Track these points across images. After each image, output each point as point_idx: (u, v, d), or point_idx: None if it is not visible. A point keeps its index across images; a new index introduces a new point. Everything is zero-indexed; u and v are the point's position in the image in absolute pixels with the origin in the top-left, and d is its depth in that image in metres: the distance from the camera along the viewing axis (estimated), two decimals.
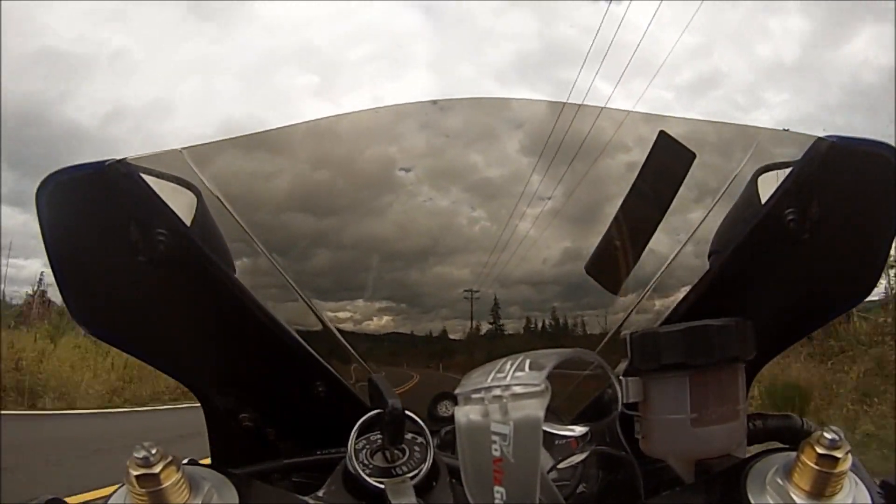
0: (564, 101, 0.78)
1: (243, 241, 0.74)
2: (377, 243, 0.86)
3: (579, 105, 0.77)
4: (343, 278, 0.87)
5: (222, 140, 0.74)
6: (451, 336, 0.88)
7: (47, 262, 0.61)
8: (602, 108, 0.78)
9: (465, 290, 0.85)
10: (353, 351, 0.80)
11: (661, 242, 0.77)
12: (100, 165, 0.58)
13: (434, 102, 0.80)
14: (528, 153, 0.82)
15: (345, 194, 0.84)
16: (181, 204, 0.64)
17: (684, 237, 0.76)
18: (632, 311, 0.78)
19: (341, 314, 0.84)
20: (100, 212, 0.60)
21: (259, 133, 0.75)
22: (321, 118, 0.76)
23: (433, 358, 0.90)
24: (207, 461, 0.62)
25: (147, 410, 9.57)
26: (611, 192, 0.79)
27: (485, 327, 0.87)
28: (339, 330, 0.80)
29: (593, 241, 0.80)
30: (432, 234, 0.87)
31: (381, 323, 0.87)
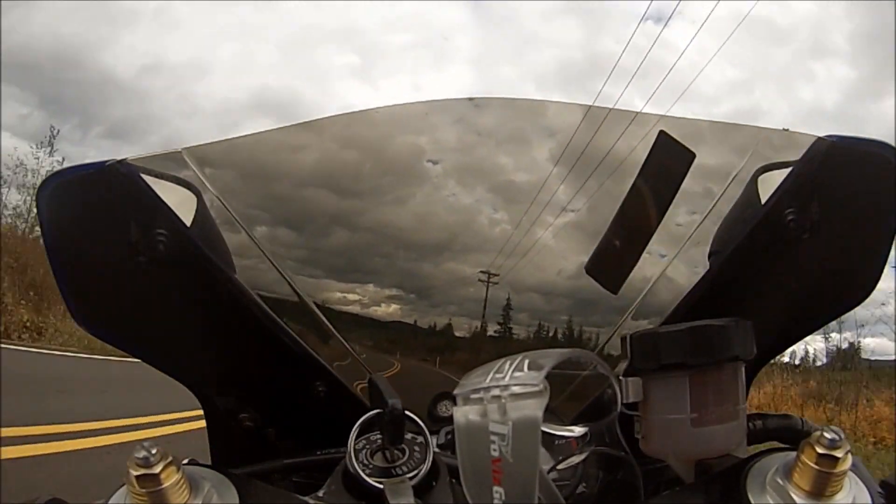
0: (593, 106, 0.77)
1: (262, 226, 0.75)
2: (395, 231, 0.86)
3: (610, 109, 0.75)
4: (356, 260, 0.87)
5: (222, 140, 0.74)
6: (457, 333, 0.88)
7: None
8: (636, 112, 0.76)
9: (482, 272, 0.85)
10: (352, 351, 0.80)
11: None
12: (100, 165, 0.58)
13: (471, 100, 0.80)
14: (558, 162, 0.81)
15: (370, 177, 0.84)
16: (181, 204, 0.64)
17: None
18: (631, 311, 0.78)
19: (350, 296, 0.85)
20: (100, 212, 0.61)
21: (264, 132, 0.76)
22: (340, 114, 0.76)
23: (433, 352, 0.90)
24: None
25: None
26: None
27: (491, 328, 0.87)
28: (340, 311, 0.81)
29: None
30: (451, 229, 0.86)
31: (388, 310, 0.87)
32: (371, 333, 0.86)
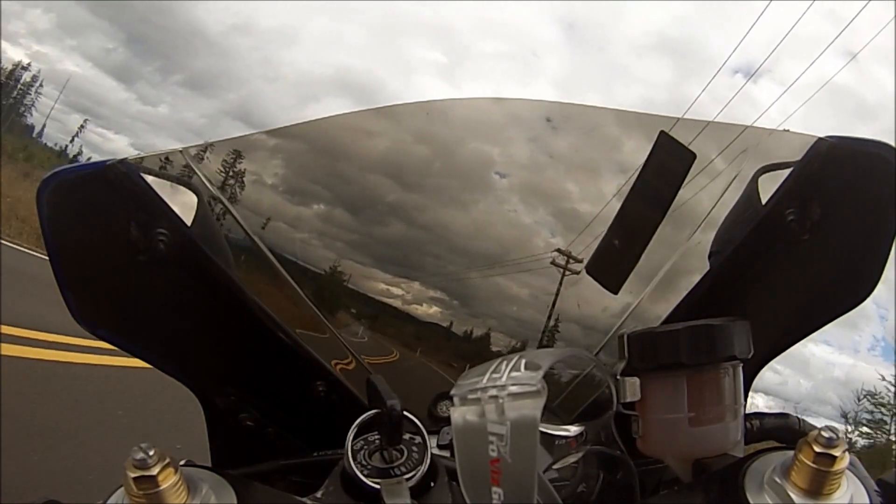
0: (682, 118, 0.75)
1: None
2: (451, 234, 0.86)
3: (707, 122, 0.74)
4: (407, 255, 0.88)
5: (222, 140, 0.74)
6: (493, 348, 0.88)
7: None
8: (746, 127, 0.73)
9: (558, 252, 0.83)
10: (352, 351, 0.80)
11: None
12: (100, 165, 0.59)
13: (548, 120, 0.80)
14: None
15: (437, 176, 0.84)
16: (181, 204, 0.64)
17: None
18: (631, 311, 0.78)
19: (394, 289, 0.85)
20: (100, 211, 0.61)
21: (269, 130, 0.76)
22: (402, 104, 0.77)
23: (463, 359, 0.89)
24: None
25: None
26: (692, 266, 0.76)
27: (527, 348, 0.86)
28: (385, 303, 0.82)
29: (659, 308, 0.77)
30: (505, 244, 0.86)
31: (428, 311, 0.87)
32: (399, 326, 0.87)
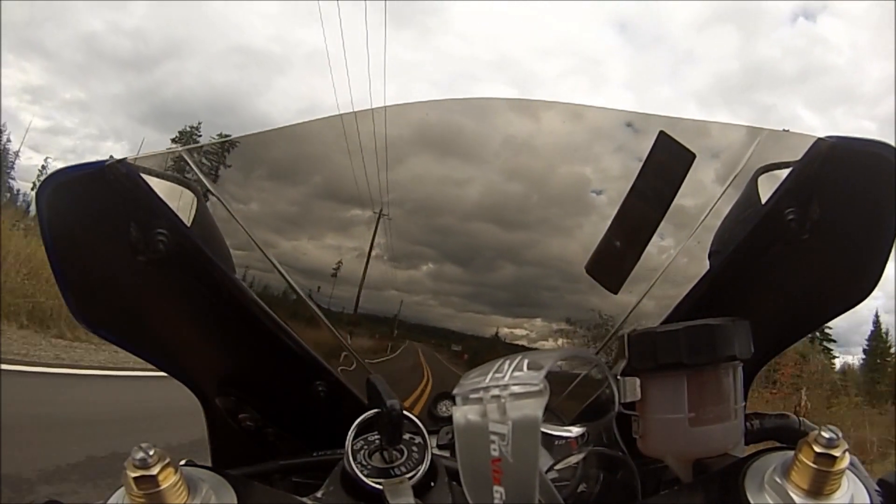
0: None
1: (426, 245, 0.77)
2: (562, 263, 0.85)
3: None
4: (524, 294, 0.87)
5: (223, 140, 0.74)
6: None
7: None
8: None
9: None
10: (352, 351, 0.80)
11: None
12: (100, 165, 0.58)
13: (628, 125, 0.79)
14: (724, 183, 0.76)
15: (536, 209, 0.83)
16: (181, 204, 0.64)
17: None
18: (632, 310, 0.78)
19: (517, 331, 0.84)
20: (100, 212, 0.61)
21: (264, 131, 0.76)
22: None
23: None
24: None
25: None
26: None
27: None
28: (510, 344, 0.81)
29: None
30: None
31: (556, 344, 0.86)
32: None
